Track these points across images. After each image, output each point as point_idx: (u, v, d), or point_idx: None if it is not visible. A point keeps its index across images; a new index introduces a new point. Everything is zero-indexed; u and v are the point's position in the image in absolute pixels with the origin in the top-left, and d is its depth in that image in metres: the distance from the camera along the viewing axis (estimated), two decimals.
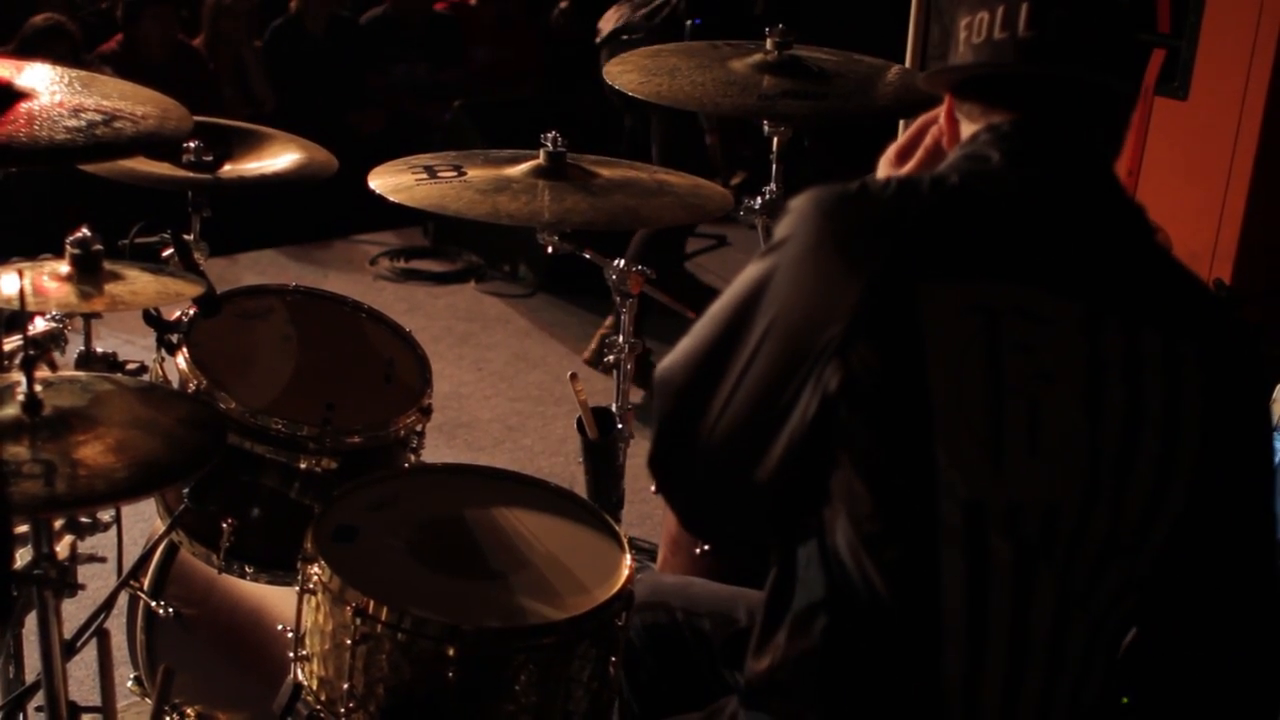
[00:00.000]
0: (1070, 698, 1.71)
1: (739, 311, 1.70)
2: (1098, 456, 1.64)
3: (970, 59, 1.76)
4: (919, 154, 1.96)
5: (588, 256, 2.84)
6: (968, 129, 1.78)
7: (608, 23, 5.66)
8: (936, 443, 1.59)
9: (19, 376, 2.04)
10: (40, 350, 2.51)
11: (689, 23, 5.22)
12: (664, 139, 5.59)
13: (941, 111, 1.87)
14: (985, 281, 1.63)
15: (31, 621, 2.29)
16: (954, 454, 1.60)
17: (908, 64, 4.36)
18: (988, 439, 1.61)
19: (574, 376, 2.73)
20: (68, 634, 2.31)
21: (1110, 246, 1.70)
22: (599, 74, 2.96)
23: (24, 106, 2.18)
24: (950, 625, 1.64)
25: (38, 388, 2.04)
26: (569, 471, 4.61)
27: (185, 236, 2.82)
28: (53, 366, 2.60)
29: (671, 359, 1.79)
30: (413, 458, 2.75)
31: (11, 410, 2.03)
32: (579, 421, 2.74)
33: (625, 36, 5.49)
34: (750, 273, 1.72)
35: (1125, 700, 1.81)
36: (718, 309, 1.75)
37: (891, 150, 2.02)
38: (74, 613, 2.41)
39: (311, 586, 2.23)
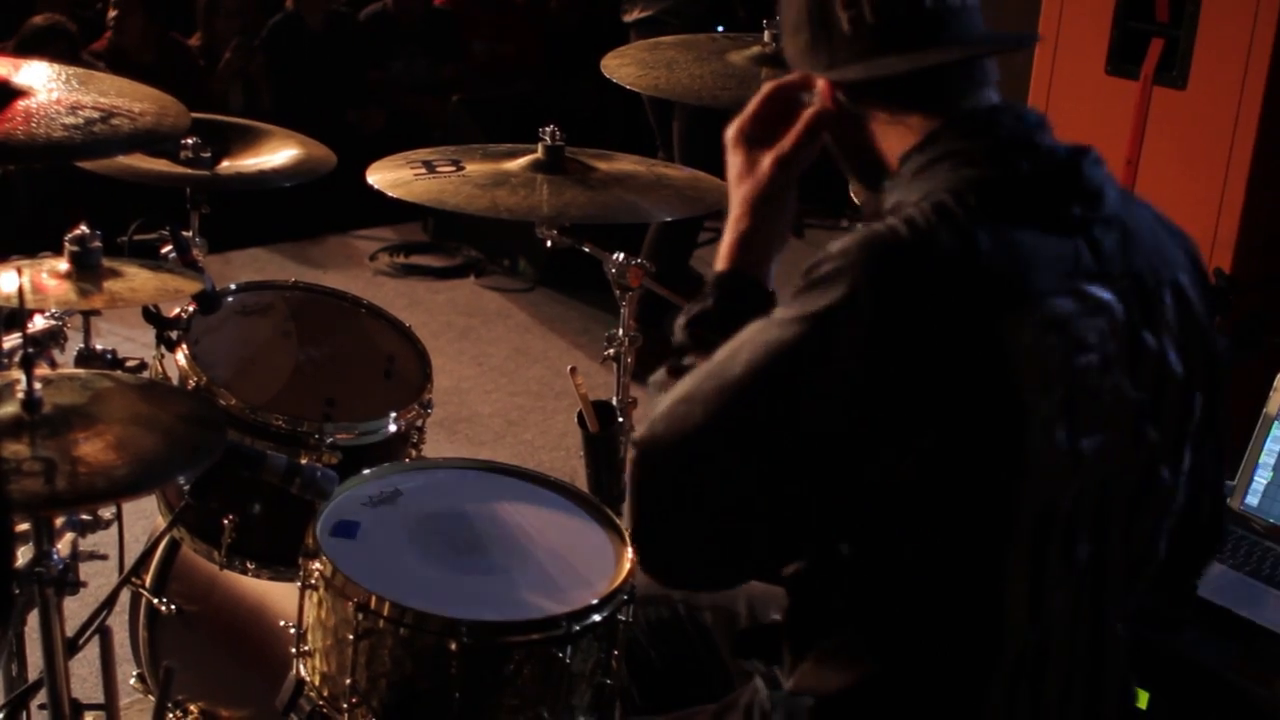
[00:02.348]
0: (1092, 693, 1.73)
1: (770, 383, 1.58)
2: (1141, 427, 1.67)
3: (888, 59, 1.67)
4: (793, 136, 1.79)
5: (587, 250, 2.84)
6: (904, 134, 1.70)
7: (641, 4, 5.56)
8: (1026, 460, 1.58)
9: (19, 374, 2.04)
10: (40, 348, 2.50)
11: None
12: (685, 136, 5.56)
13: (818, 96, 1.76)
14: (1048, 295, 1.60)
15: (33, 620, 2.30)
16: (1041, 466, 1.59)
17: None
18: (1068, 443, 1.60)
19: (574, 370, 2.72)
20: (70, 632, 2.31)
21: (1114, 221, 1.69)
22: (599, 70, 2.96)
23: (22, 104, 2.18)
24: (1014, 618, 1.64)
25: (37, 386, 2.04)
26: (570, 465, 4.61)
27: (184, 233, 2.82)
28: (52, 364, 2.60)
29: (668, 427, 1.63)
30: (414, 453, 2.75)
31: (11, 408, 2.03)
32: (579, 415, 2.73)
33: (667, 20, 5.39)
34: (781, 337, 1.58)
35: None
36: (737, 376, 1.59)
37: (736, 130, 1.84)
38: (76, 610, 2.40)
39: (313, 582, 2.23)
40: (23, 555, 2.22)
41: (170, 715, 2.74)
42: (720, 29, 4.92)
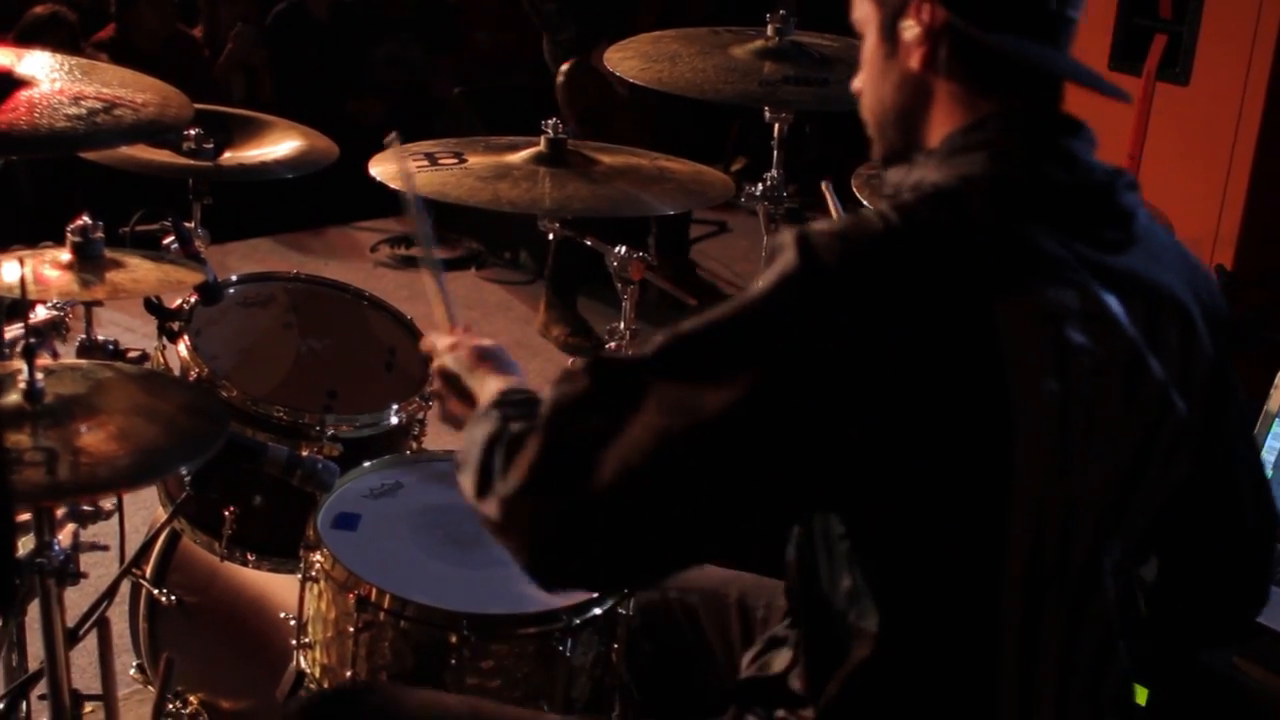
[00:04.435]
0: (1094, 701, 1.72)
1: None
2: (1133, 439, 1.65)
3: (1004, 34, 1.61)
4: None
5: (589, 243, 2.84)
6: (963, 114, 1.65)
7: None
8: (1016, 454, 1.56)
9: (21, 365, 2.04)
10: (42, 339, 2.50)
11: None
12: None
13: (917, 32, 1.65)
14: (1048, 287, 1.58)
15: (34, 610, 2.30)
16: (1032, 466, 1.57)
17: None
18: (1059, 442, 1.58)
19: (575, 363, 2.72)
20: (70, 622, 2.31)
21: (1138, 245, 1.67)
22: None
23: (24, 94, 2.17)
24: (1010, 634, 1.63)
25: (39, 376, 2.04)
26: None
27: (186, 224, 2.82)
28: (54, 355, 2.60)
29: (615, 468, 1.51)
30: (415, 445, 2.75)
31: (13, 398, 2.03)
32: None
33: None
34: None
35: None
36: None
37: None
38: (76, 601, 2.40)
39: (314, 574, 2.24)
40: (24, 546, 2.23)
41: (170, 706, 2.74)
42: None
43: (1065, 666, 1.68)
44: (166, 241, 2.75)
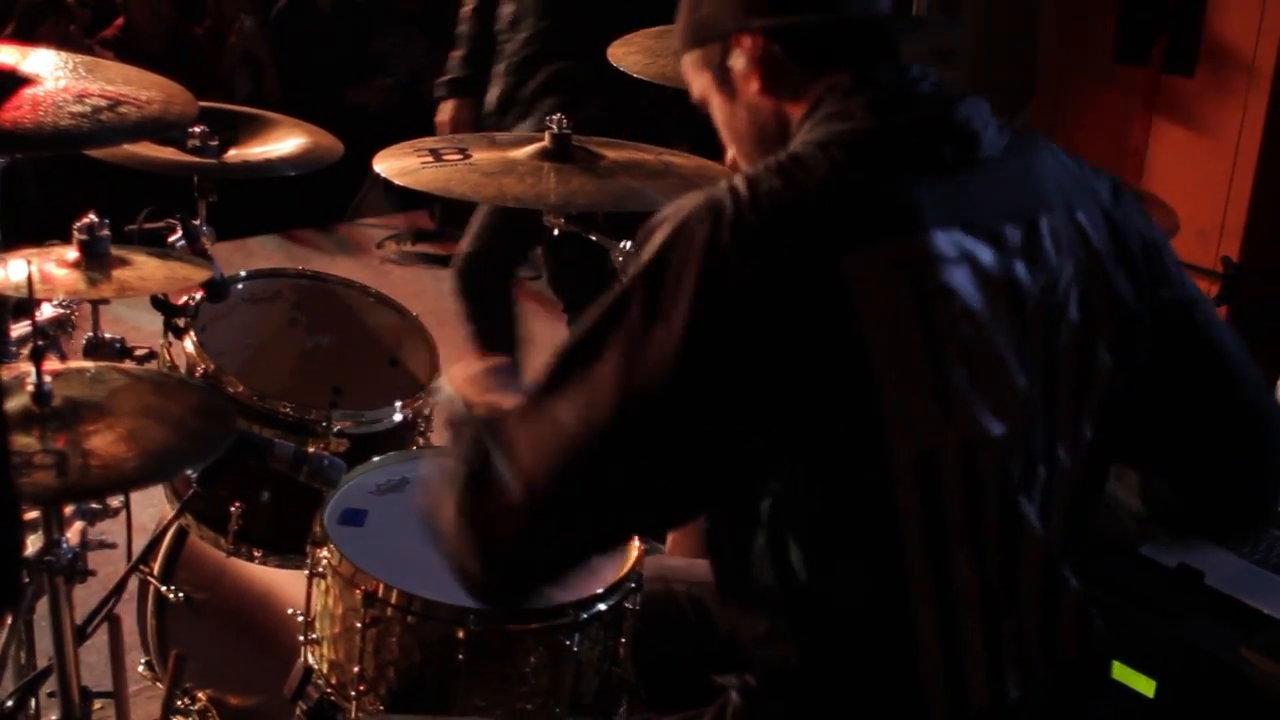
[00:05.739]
0: (1047, 638, 1.72)
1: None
2: (1030, 364, 1.66)
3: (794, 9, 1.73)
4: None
5: (594, 239, 2.84)
6: (803, 85, 1.73)
7: None
8: (884, 407, 1.58)
9: (29, 367, 2.04)
10: (49, 338, 2.51)
11: None
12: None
13: (743, 60, 1.77)
14: (898, 237, 1.60)
15: (43, 607, 2.30)
16: (903, 412, 1.59)
17: None
18: (933, 386, 1.60)
19: None
20: (79, 619, 2.32)
21: (992, 163, 1.69)
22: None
23: (29, 92, 2.17)
24: (919, 586, 1.63)
25: (47, 379, 2.04)
26: None
27: (192, 221, 2.82)
28: (61, 353, 2.61)
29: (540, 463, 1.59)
30: (420, 441, 2.75)
31: (22, 401, 2.03)
32: None
33: None
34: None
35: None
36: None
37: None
38: (85, 598, 2.41)
39: (321, 570, 2.24)
40: (32, 544, 2.23)
41: (178, 702, 2.74)
42: None
43: (994, 612, 1.67)
44: (172, 239, 2.76)
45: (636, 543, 2.24)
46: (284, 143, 3.05)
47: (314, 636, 2.28)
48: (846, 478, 1.61)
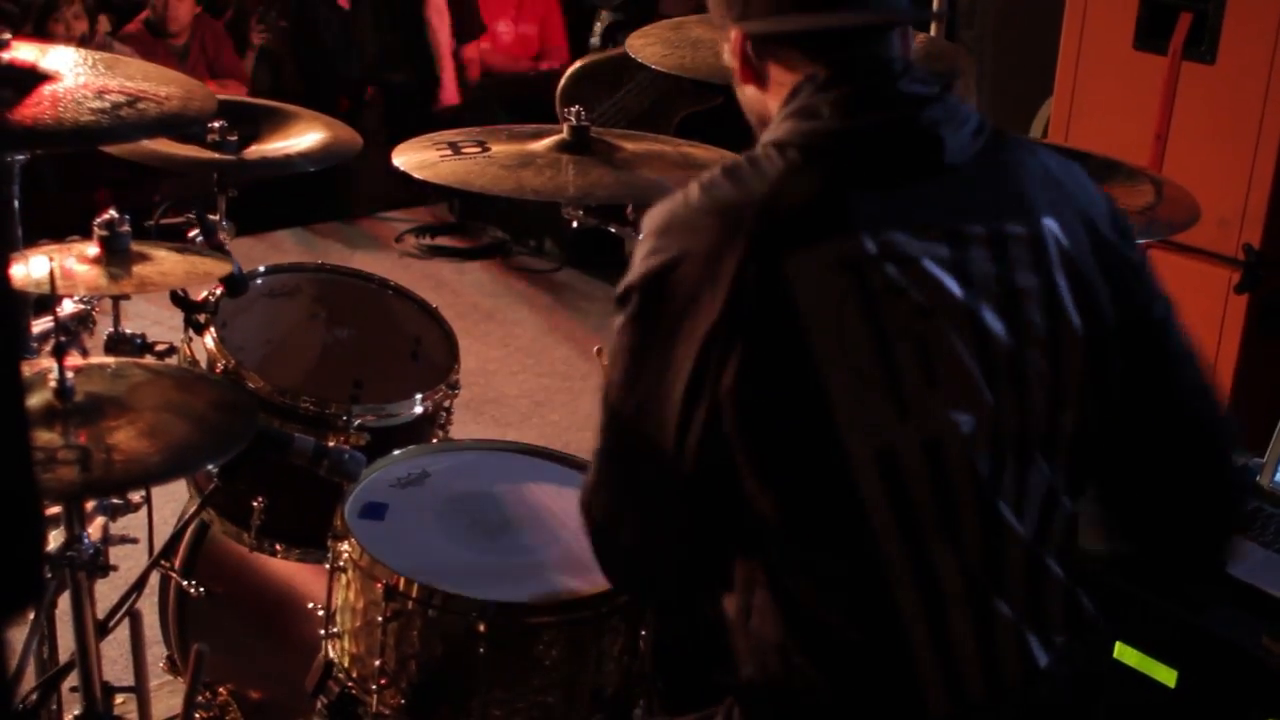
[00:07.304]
0: (1037, 626, 1.72)
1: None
2: (993, 365, 1.65)
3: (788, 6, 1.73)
4: None
5: (613, 230, 2.84)
6: (783, 77, 1.74)
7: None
8: (834, 405, 1.59)
9: (51, 363, 2.05)
10: (70, 334, 2.51)
11: None
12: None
13: (729, 50, 1.81)
14: (843, 238, 1.61)
15: (64, 602, 2.31)
16: (854, 409, 1.60)
17: (932, 30, 4.33)
18: (885, 384, 1.61)
19: (600, 351, 2.72)
20: (100, 614, 2.32)
21: (958, 168, 1.68)
22: None
23: (49, 88, 2.18)
24: (897, 576, 1.64)
25: (69, 375, 2.05)
26: None
27: (211, 216, 2.83)
28: (82, 349, 2.61)
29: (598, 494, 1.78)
30: (441, 434, 2.75)
31: (44, 397, 2.04)
32: None
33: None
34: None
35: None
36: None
37: None
38: (106, 593, 2.42)
39: (342, 564, 2.24)
40: (54, 539, 2.24)
41: (199, 697, 2.75)
42: None
43: (983, 602, 1.67)
44: (192, 234, 2.76)
45: None
46: (303, 138, 3.05)
47: (335, 630, 2.28)
48: (808, 470, 1.63)
